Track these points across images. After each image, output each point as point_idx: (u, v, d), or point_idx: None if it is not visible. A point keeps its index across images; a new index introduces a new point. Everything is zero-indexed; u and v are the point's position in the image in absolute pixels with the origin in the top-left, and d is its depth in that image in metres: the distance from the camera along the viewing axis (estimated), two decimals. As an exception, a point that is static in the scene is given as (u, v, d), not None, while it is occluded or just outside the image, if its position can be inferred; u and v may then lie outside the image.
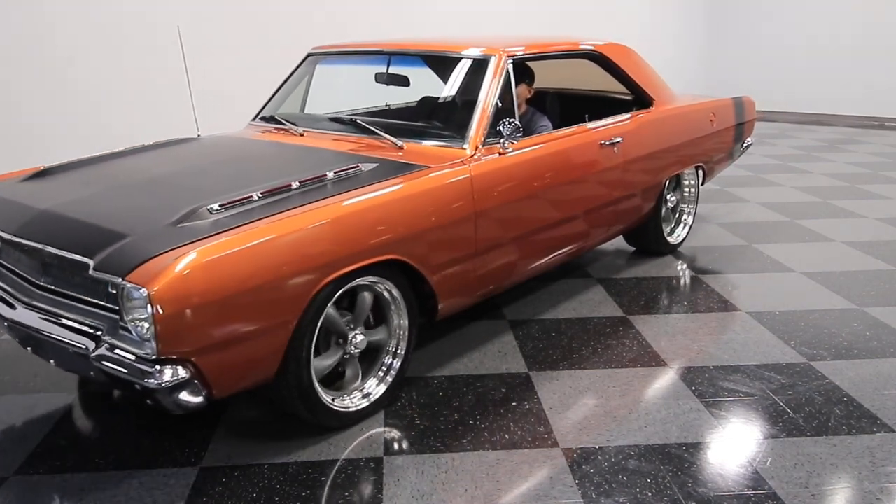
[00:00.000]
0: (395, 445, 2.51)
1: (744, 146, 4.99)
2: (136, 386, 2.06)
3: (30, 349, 2.44)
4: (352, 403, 2.62)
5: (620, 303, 3.76)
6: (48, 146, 4.64)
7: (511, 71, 3.17)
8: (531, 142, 3.22)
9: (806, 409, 2.71)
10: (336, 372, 2.63)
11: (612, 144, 3.59)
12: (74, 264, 2.22)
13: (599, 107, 4.01)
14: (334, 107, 3.84)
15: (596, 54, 3.82)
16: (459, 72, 3.30)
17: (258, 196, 2.42)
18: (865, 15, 10.11)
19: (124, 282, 2.04)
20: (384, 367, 2.75)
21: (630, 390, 2.87)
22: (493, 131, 2.99)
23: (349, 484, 2.30)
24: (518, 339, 3.33)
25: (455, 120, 3.16)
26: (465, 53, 3.27)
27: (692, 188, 4.60)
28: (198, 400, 2.10)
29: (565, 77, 4.52)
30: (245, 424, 2.66)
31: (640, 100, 4.05)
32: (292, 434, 2.57)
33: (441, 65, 3.64)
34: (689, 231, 4.65)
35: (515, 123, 2.94)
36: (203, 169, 2.93)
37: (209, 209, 2.32)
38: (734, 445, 2.50)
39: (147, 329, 2.01)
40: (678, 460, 2.41)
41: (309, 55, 3.84)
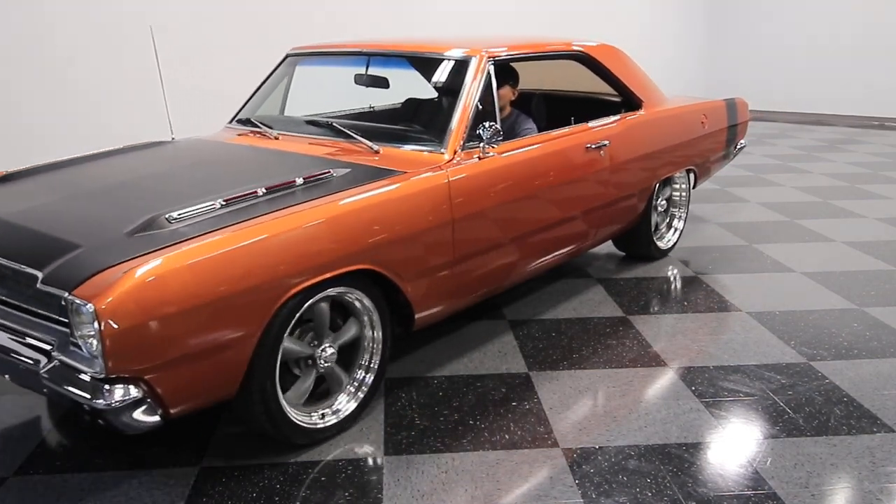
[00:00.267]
0: (395, 445, 2.51)
1: (737, 148, 4.92)
2: (85, 406, 1.96)
3: None
4: (320, 420, 2.51)
5: (620, 303, 3.76)
6: (48, 146, 4.63)
7: (493, 72, 3.07)
8: (513, 146, 3.12)
9: (806, 409, 2.71)
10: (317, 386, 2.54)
11: (599, 148, 3.48)
12: (24, 276, 2.12)
13: (587, 109, 3.90)
14: (317, 109, 3.74)
15: (583, 55, 3.71)
16: (439, 73, 3.19)
17: (221, 203, 2.32)
18: (865, 15, 10.11)
19: (71, 296, 1.93)
20: (356, 382, 2.63)
21: (630, 390, 2.87)
22: (474, 135, 2.88)
23: (349, 484, 2.30)
24: (518, 339, 3.33)
25: (434, 123, 3.08)
26: (445, 54, 3.15)
27: (683, 192, 4.49)
28: (152, 420, 2.02)
29: (557, 79, 4.44)
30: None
31: (629, 102, 3.95)
32: (292, 434, 2.57)
33: (421, 66, 3.51)
34: (680, 236, 4.54)
35: (496, 127, 2.83)
36: (170, 174, 2.83)
37: (168, 218, 2.22)
38: (734, 445, 2.50)
39: (95, 346, 1.90)
40: (678, 460, 2.41)
41: (288, 56, 3.73)
